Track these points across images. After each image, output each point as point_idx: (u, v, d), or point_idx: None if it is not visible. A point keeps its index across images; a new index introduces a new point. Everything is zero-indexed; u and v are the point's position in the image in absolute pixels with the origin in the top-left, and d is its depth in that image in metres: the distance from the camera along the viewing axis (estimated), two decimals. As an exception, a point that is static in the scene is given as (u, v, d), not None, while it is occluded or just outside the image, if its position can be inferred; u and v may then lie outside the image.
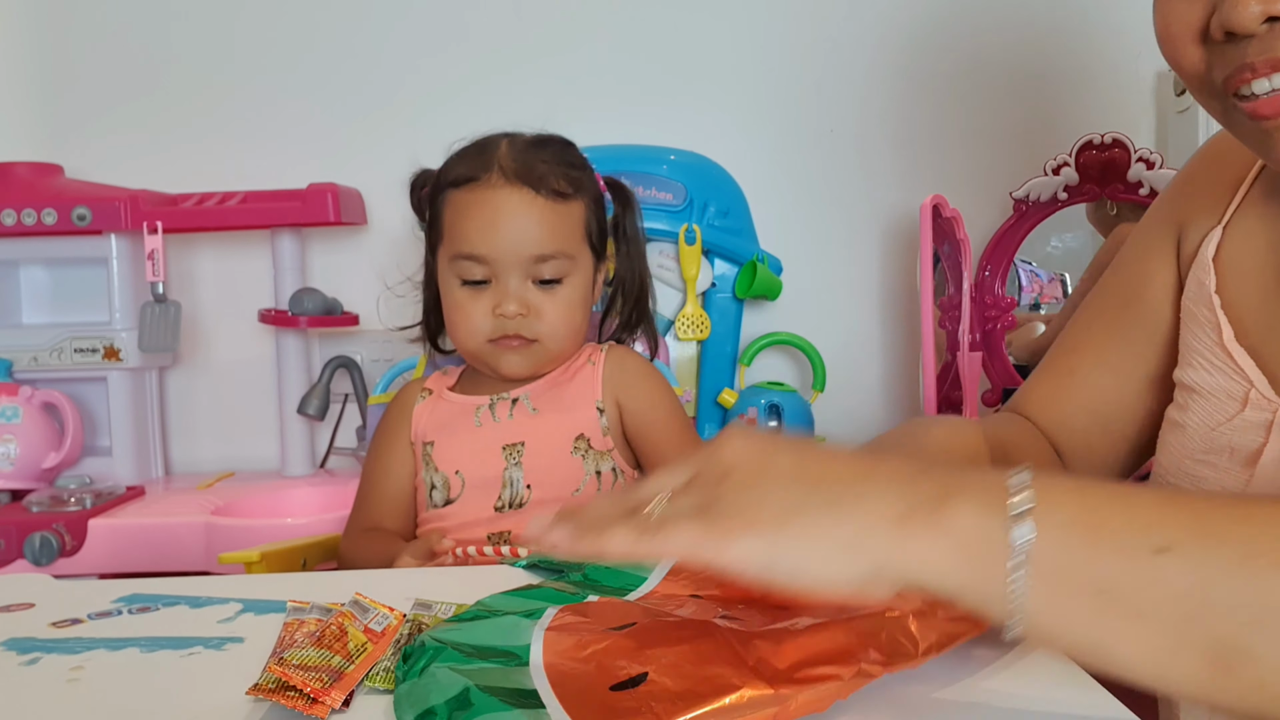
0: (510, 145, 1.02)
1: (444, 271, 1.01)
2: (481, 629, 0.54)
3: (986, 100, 1.60)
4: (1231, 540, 0.40)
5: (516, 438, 1.01)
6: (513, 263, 0.98)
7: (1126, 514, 0.42)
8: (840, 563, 0.43)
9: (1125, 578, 0.40)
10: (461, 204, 1.00)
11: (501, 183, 0.99)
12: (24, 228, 1.44)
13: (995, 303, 1.52)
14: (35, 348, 1.50)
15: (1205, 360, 0.67)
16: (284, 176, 1.55)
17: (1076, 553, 0.41)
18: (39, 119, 1.65)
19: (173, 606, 0.65)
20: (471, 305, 0.99)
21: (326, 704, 0.46)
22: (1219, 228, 0.69)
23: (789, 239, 1.59)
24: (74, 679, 0.53)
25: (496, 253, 0.97)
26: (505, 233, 0.98)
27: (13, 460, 1.44)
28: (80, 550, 1.31)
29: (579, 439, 1.01)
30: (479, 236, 0.98)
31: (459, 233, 0.99)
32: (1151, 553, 0.40)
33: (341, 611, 0.56)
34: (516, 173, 0.99)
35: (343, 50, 1.64)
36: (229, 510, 1.36)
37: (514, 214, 0.98)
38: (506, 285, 0.98)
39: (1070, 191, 1.47)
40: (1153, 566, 0.40)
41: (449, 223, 1.00)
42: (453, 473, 1.01)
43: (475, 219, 0.98)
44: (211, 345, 1.67)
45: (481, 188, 0.99)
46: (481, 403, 1.03)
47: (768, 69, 1.62)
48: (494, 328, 0.99)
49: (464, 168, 1.01)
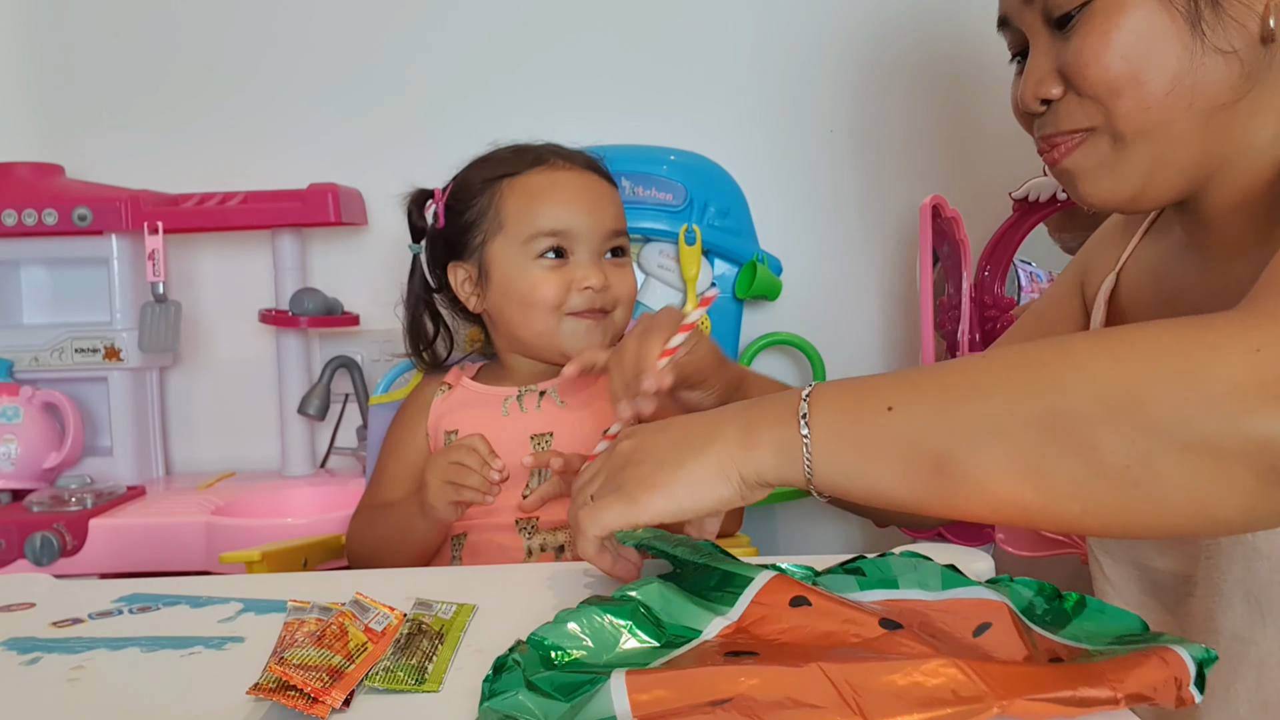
0: (541, 145, 1.07)
1: (512, 257, 1.02)
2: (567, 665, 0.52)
3: (986, 100, 1.60)
4: (931, 390, 0.57)
5: (545, 428, 1.02)
6: (595, 237, 1.02)
7: (869, 392, 0.59)
8: (720, 486, 0.61)
9: (870, 433, 0.57)
10: (530, 186, 1.03)
11: (568, 166, 1.04)
12: (25, 228, 1.44)
13: (995, 303, 1.52)
14: (36, 348, 1.50)
15: None
16: (284, 177, 1.55)
17: (839, 427, 0.58)
18: (40, 119, 1.65)
19: (173, 606, 0.65)
20: (553, 280, 1.01)
21: (327, 703, 0.46)
22: (1113, 273, 0.83)
23: (789, 239, 1.60)
24: (75, 679, 0.53)
25: (580, 227, 1.01)
26: (588, 208, 1.02)
27: (13, 460, 1.45)
28: (81, 550, 1.31)
29: (606, 433, 1.00)
30: (560, 212, 1.01)
31: (534, 212, 1.01)
32: (884, 411, 0.57)
33: (342, 611, 0.56)
34: (575, 159, 1.05)
35: (343, 50, 1.64)
36: (229, 510, 1.37)
37: (589, 191, 1.04)
38: (584, 260, 1.02)
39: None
40: (885, 419, 0.57)
41: (516, 208, 1.02)
42: None
43: (553, 197, 1.02)
44: (212, 345, 1.67)
45: (550, 169, 1.04)
46: (509, 394, 1.05)
47: (768, 69, 1.62)
48: (575, 301, 1.01)
49: (515, 160, 1.05)
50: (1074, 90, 0.68)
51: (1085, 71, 0.66)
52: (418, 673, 0.51)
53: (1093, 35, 0.66)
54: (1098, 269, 0.86)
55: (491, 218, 1.04)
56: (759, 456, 0.60)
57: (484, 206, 1.04)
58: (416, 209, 1.10)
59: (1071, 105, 0.69)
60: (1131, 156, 0.67)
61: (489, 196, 1.04)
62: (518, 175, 1.03)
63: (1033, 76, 0.71)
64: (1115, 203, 0.71)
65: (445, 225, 1.06)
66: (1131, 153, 0.67)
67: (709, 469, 0.61)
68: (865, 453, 0.57)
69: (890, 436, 0.56)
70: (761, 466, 0.60)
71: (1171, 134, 0.66)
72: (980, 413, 0.54)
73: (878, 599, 0.56)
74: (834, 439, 0.58)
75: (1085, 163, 0.70)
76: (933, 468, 0.55)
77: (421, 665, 0.52)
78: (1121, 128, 0.67)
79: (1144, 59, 0.65)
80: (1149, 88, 0.65)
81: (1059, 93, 0.69)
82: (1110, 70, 0.65)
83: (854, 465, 0.58)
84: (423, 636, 0.55)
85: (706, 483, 0.61)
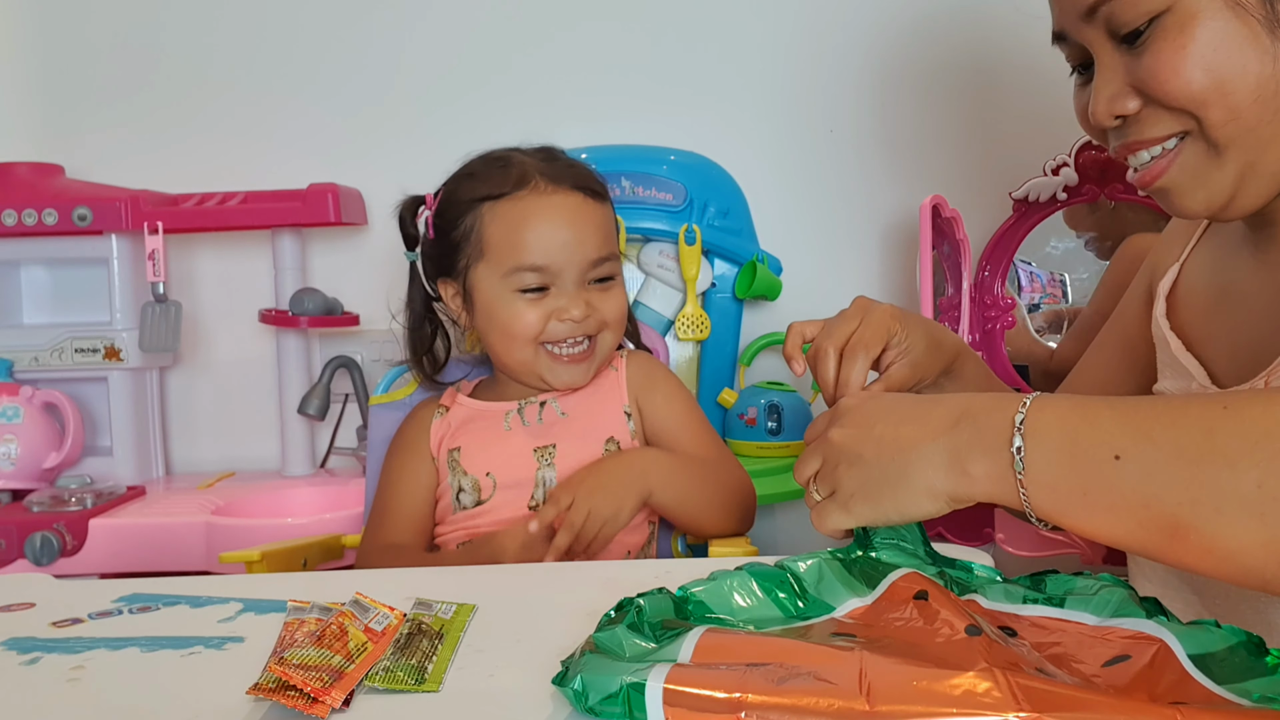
0: (530, 155, 1.02)
1: (493, 288, 1.00)
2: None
3: (986, 100, 1.60)
4: (1167, 449, 0.54)
5: (548, 440, 1.01)
6: (574, 267, 0.98)
7: (1092, 431, 0.56)
8: (928, 503, 0.62)
9: (1095, 482, 0.55)
10: (511, 215, 0.99)
11: (551, 189, 0.99)
12: (25, 228, 1.44)
13: (995, 303, 1.52)
14: (36, 348, 1.50)
15: (1167, 370, 0.81)
16: (284, 177, 1.55)
17: (1059, 471, 0.57)
18: (40, 119, 1.65)
19: (173, 606, 0.65)
20: (531, 313, 0.99)
21: (327, 703, 0.46)
22: (1177, 265, 0.84)
23: (789, 239, 1.59)
24: (74, 678, 0.53)
25: (560, 261, 0.98)
26: (568, 239, 0.98)
27: (13, 460, 1.45)
28: (81, 550, 1.32)
29: (609, 441, 1.02)
30: (540, 245, 0.97)
31: (514, 244, 0.98)
32: (1110, 460, 0.55)
33: (342, 611, 0.56)
34: (560, 178, 1.00)
35: (343, 50, 1.64)
36: (229, 510, 1.37)
37: (573, 220, 0.99)
38: (567, 290, 0.99)
39: (1070, 192, 1.47)
40: (1113, 471, 0.55)
41: (496, 236, 0.99)
42: (483, 474, 1.01)
43: (533, 228, 0.98)
44: (212, 345, 1.67)
45: (530, 195, 0.99)
46: (510, 408, 1.03)
47: (768, 69, 1.62)
48: (553, 331, 0.99)
49: (498, 180, 1.00)
50: (1155, 103, 0.67)
51: (1166, 88, 0.66)
52: (417, 673, 0.51)
53: (1168, 50, 0.65)
54: (1163, 264, 0.86)
55: (474, 243, 1.01)
56: (970, 486, 0.60)
57: (466, 230, 1.01)
58: (409, 216, 1.08)
59: (1157, 115, 0.68)
60: (1225, 164, 0.67)
61: (472, 219, 1.01)
62: (500, 200, 0.99)
63: (1103, 94, 0.70)
64: (1208, 213, 0.70)
65: (435, 240, 1.04)
66: (1225, 160, 0.67)
67: (917, 491, 0.62)
68: (1089, 500, 0.56)
69: (1119, 490, 0.55)
70: (974, 493, 0.60)
71: (1261, 139, 0.66)
72: (1229, 486, 0.51)
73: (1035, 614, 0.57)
74: (1053, 484, 0.57)
75: (1180, 178, 0.69)
76: (1168, 530, 0.53)
77: (421, 665, 0.52)
78: (1214, 136, 0.66)
79: (1225, 68, 0.64)
80: (1235, 97, 0.64)
81: (1135, 107, 0.69)
82: (1193, 84, 0.65)
83: (1075, 510, 0.57)
84: (422, 636, 0.55)
85: (914, 502, 0.63)
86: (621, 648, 0.50)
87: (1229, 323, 0.77)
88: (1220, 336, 0.77)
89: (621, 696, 0.45)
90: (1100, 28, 0.68)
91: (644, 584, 0.65)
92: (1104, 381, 0.92)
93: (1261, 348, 0.71)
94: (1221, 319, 0.78)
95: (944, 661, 0.47)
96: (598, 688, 0.46)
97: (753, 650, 0.48)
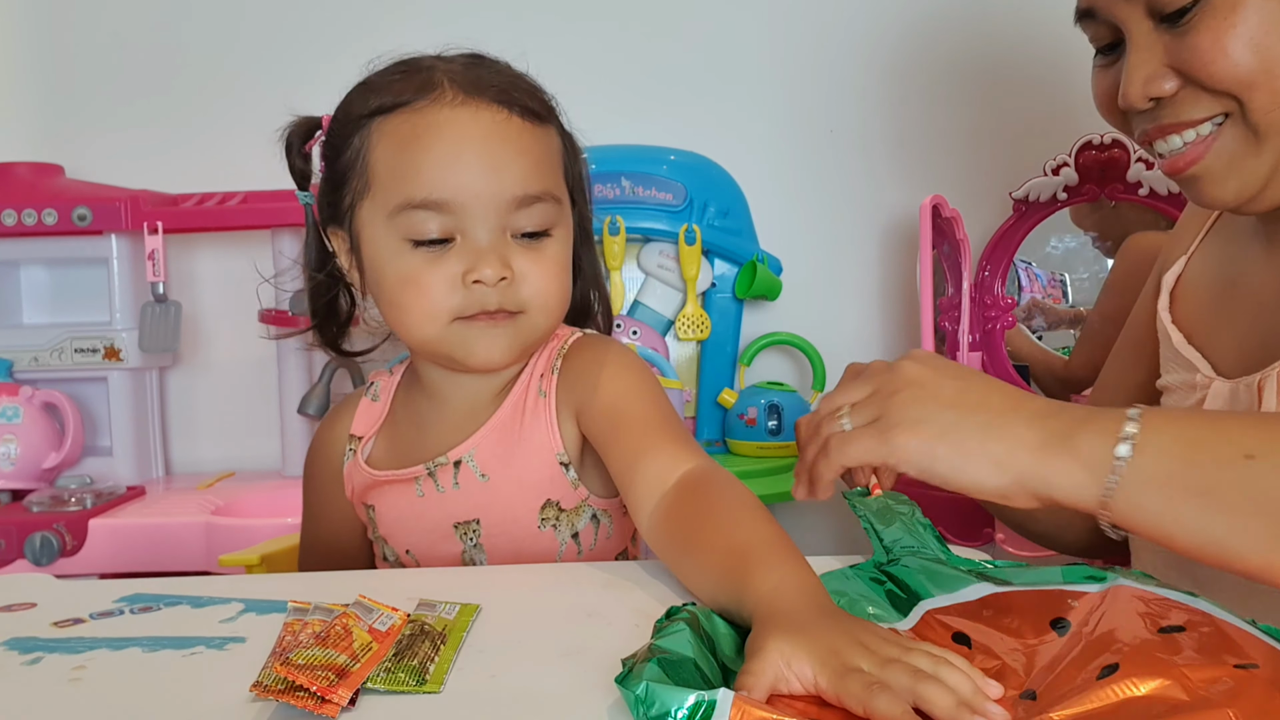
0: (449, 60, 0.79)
1: (379, 235, 0.74)
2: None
3: (986, 100, 1.60)
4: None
5: (469, 514, 0.79)
6: (488, 207, 0.72)
7: (1217, 431, 0.53)
8: (988, 473, 0.56)
9: (1223, 480, 0.51)
10: (403, 133, 0.73)
11: (460, 99, 0.73)
12: (24, 228, 1.44)
13: (995, 303, 1.52)
14: (36, 348, 1.50)
15: (1170, 364, 0.79)
16: (284, 177, 1.54)
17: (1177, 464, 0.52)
18: (40, 119, 1.65)
19: (174, 606, 0.65)
20: (429, 275, 0.72)
21: (335, 702, 0.46)
22: (1184, 258, 0.82)
23: (789, 239, 1.60)
24: (76, 678, 0.53)
25: (465, 193, 0.71)
26: (475, 164, 0.72)
27: (13, 460, 1.45)
28: (81, 550, 1.31)
29: (546, 507, 0.78)
30: (438, 173, 0.71)
31: (405, 172, 0.72)
32: (1243, 458, 0.51)
33: (345, 612, 0.56)
34: (477, 85, 0.74)
35: (343, 50, 1.63)
36: (229, 510, 1.37)
37: (485, 139, 0.72)
38: (478, 241, 0.72)
39: (1070, 192, 1.47)
40: (1246, 469, 0.51)
41: (384, 163, 0.73)
42: (403, 551, 0.82)
43: (429, 151, 0.72)
44: (212, 345, 1.67)
45: (432, 108, 0.73)
46: (418, 474, 0.80)
47: (768, 69, 1.62)
48: (464, 301, 0.73)
49: (397, 88, 0.75)
50: (1195, 85, 0.65)
51: (1211, 69, 0.64)
52: (418, 674, 0.51)
53: (1216, 29, 0.63)
54: (1171, 258, 0.84)
55: (359, 173, 0.75)
56: (1061, 466, 0.55)
57: (353, 154, 0.76)
58: (297, 144, 0.86)
59: (1196, 96, 0.66)
60: (1263, 151, 0.65)
61: (359, 139, 0.76)
62: (394, 112, 0.74)
63: (1139, 74, 0.67)
64: (1236, 203, 0.68)
65: (324, 173, 0.81)
66: (1264, 148, 0.65)
67: (986, 455, 0.56)
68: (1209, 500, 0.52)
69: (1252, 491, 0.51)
70: (1056, 478, 0.55)
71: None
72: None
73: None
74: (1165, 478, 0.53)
75: (1215, 164, 0.67)
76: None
77: (423, 666, 0.52)
78: (1256, 120, 0.64)
79: (1275, 50, 0.62)
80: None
81: (1173, 88, 0.66)
82: (1241, 65, 0.63)
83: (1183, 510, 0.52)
84: (424, 637, 0.55)
85: (975, 465, 0.57)
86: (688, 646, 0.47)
87: (1235, 315, 0.75)
88: (1225, 329, 0.76)
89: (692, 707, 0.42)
90: (1139, 6, 0.66)
91: (646, 583, 0.65)
92: (1116, 384, 0.90)
93: (1271, 340, 0.70)
94: (1228, 312, 0.76)
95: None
96: (663, 699, 0.42)
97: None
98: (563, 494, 0.78)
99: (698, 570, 0.59)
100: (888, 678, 0.43)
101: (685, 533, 0.63)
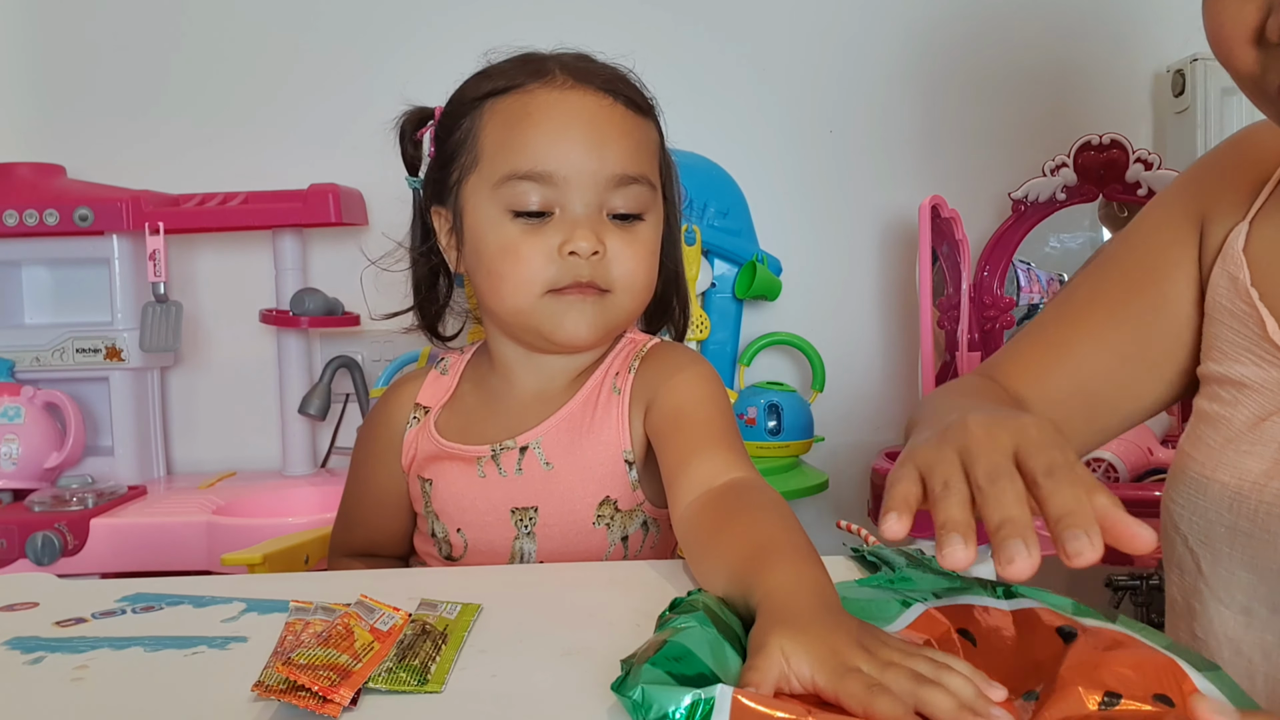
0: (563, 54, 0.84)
1: (482, 205, 0.78)
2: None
3: (986, 100, 1.60)
4: None
5: (529, 500, 0.80)
6: (588, 183, 0.76)
7: None
8: None
9: None
10: (514, 111, 0.78)
11: (570, 84, 0.79)
12: (26, 228, 1.45)
13: (994, 303, 1.53)
14: (37, 348, 1.50)
15: (1247, 354, 0.67)
16: (285, 177, 1.55)
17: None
18: (41, 119, 1.65)
19: (176, 606, 0.65)
20: (527, 245, 0.76)
21: (338, 701, 0.46)
22: (1245, 222, 0.69)
23: (789, 239, 1.60)
24: (78, 678, 0.53)
25: (568, 167, 0.76)
26: (579, 141, 0.76)
27: (15, 460, 1.45)
28: (82, 550, 1.32)
29: (604, 504, 0.80)
30: (544, 147, 0.76)
31: (513, 146, 0.77)
32: None
33: (347, 612, 0.56)
34: (586, 74, 0.80)
35: (344, 50, 1.64)
36: (230, 510, 1.37)
37: (591, 120, 0.77)
38: (576, 215, 0.76)
39: (1069, 192, 1.47)
40: None
41: (493, 138, 0.78)
42: (454, 529, 0.83)
43: (537, 126, 0.77)
44: (213, 345, 1.67)
45: (543, 89, 0.78)
46: (481, 454, 0.81)
47: (768, 69, 1.62)
48: (558, 273, 0.76)
49: (511, 73, 0.81)
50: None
51: None
52: (420, 673, 0.51)
53: None
54: (1222, 214, 0.71)
55: (469, 149, 0.80)
56: None
57: (464, 135, 0.81)
58: (410, 131, 0.90)
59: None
60: None
61: (470, 120, 0.81)
62: (506, 94, 0.79)
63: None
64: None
65: (434, 157, 0.85)
66: None
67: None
68: None
69: None
70: None
71: None
72: None
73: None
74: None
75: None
76: None
77: (424, 665, 0.52)
78: None
79: None
80: None
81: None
82: None
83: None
84: (426, 637, 0.55)
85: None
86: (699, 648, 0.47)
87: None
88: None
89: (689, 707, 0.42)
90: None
91: (648, 583, 0.65)
92: (1096, 341, 0.75)
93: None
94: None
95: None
96: (660, 701, 0.42)
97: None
98: (622, 493, 0.80)
99: (715, 562, 0.60)
100: (888, 680, 0.43)
101: (712, 528, 0.64)
